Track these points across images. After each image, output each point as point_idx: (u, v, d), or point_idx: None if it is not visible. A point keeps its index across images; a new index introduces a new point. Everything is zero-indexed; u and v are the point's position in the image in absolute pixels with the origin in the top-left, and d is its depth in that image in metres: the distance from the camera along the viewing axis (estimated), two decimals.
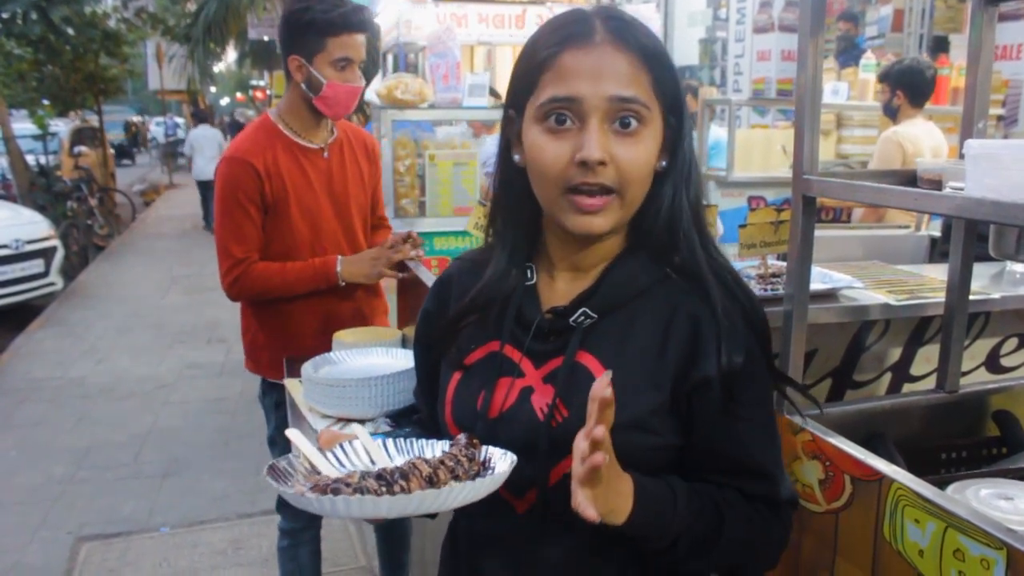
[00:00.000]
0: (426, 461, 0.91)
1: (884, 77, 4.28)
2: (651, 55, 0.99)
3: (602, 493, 0.87)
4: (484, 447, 0.98)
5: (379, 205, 2.65)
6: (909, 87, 4.14)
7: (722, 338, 1.00)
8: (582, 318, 1.05)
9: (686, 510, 0.98)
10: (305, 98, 2.29)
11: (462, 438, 0.97)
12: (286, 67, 2.30)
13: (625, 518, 0.92)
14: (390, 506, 0.85)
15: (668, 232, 1.05)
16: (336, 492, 0.86)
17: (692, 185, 1.05)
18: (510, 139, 1.08)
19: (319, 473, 0.96)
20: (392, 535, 2.75)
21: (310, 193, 2.34)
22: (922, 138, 4.07)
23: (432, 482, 0.88)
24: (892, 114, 4.23)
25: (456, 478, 0.91)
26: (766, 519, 1.05)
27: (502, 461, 0.96)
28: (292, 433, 1.02)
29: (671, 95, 1.01)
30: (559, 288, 1.10)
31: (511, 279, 1.11)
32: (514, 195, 1.09)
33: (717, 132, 5.32)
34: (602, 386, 0.83)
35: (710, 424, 1.02)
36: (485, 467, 0.96)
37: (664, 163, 1.03)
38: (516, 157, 1.06)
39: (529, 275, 1.11)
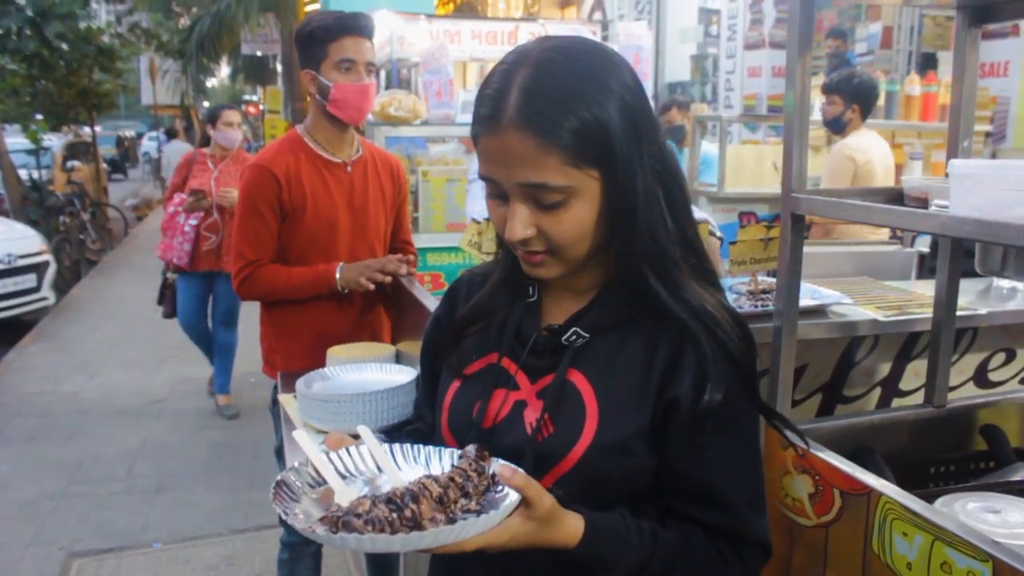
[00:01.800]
0: (436, 480, 0.89)
1: (836, 90, 4.21)
2: (557, 130, 0.92)
3: (541, 532, 0.93)
4: (494, 460, 0.96)
5: (403, 228, 2.69)
6: (865, 102, 4.17)
7: (707, 377, 1.00)
8: (574, 337, 1.07)
9: (638, 547, 0.99)
10: (322, 109, 2.39)
11: (471, 450, 0.96)
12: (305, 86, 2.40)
13: (569, 549, 0.96)
14: (404, 543, 0.83)
15: (635, 271, 1.03)
16: (348, 526, 0.83)
17: (649, 229, 1.00)
18: None
19: (324, 483, 0.95)
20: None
21: (329, 203, 2.41)
22: (872, 149, 4.11)
23: (442, 502, 0.88)
24: (840, 127, 4.24)
25: (466, 495, 0.91)
26: (725, 561, 1.04)
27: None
28: (299, 435, 1.01)
29: (598, 154, 0.95)
30: (560, 307, 1.12)
31: (507, 293, 1.15)
32: None
33: (708, 147, 5.36)
34: (507, 479, 0.90)
35: (678, 445, 1.03)
36: (494, 482, 0.95)
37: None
38: None
39: (531, 292, 1.14)
